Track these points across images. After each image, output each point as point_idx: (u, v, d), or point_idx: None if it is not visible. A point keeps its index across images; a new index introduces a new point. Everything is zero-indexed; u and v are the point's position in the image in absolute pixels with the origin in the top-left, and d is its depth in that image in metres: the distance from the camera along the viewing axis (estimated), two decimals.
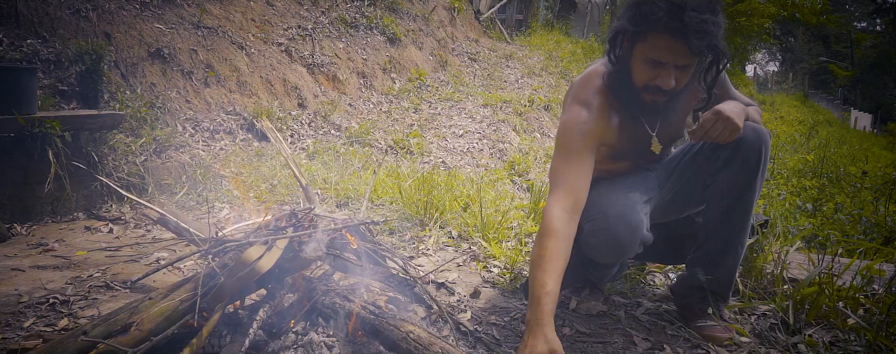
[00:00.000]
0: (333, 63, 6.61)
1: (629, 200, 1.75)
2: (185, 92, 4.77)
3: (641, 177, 1.89)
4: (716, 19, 1.51)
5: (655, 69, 1.61)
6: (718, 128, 1.61)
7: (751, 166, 1.73)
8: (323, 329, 1.61)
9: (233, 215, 3.27)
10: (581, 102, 1.76)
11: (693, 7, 1.49)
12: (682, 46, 1.52)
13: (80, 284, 2.15)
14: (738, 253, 1.86)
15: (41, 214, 3.10)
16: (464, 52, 9.91)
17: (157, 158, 3.78)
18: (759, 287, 2.21)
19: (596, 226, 1.72)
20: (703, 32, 1.48)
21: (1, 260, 2.43)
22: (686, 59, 1.57)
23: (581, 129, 1.73)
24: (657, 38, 1.55)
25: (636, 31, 1.59)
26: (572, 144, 1.72)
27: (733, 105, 1.67)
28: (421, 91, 7.52)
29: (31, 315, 1.88)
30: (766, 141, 1.72)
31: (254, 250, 1.43)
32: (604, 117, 1.76)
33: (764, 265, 2.22)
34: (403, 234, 2.84)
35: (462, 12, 10.99)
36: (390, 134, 5.81)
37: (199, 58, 5.05)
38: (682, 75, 1.62)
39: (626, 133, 1.82)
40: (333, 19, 7.39)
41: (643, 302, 2.18)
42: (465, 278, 2.36)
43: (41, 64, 3.88)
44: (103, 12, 4.55)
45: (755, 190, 1.76)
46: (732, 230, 1.82)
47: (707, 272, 1.90)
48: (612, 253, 1.74)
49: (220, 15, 5.84)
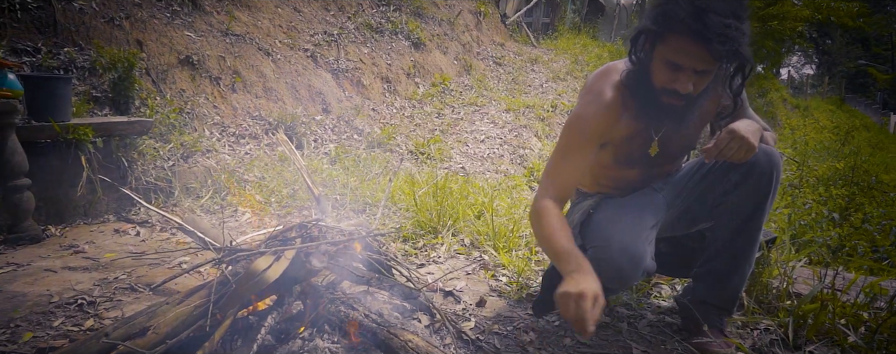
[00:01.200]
0: (358, 68, 6.72)
1: (634, 229, 1.74)
2: (213, 98, 4.92)
3: (649, 200, 1.89)
4: (740, 25, 1.49)
5: (674, 72, 1.59)
6: (733, 147, 1.60)
7: (761, 190, 1.74)
8: (328, 336, 1.69)
9: (254, 220, 3.38)
10: (595, 94, 1.77)
11: (716, 11, 1.46)
12: (702, 50, 1.50)
13: (107, 286, 2.27)
14: (745, 272, 1.88)
15: (74, 216, 3.25)
16: (489, 56, 9.96)
17: (184, 162, 3.92)
18: (764, 302, 2.23)
19: (599, 255, 1.71)
20: (724, 37, 1.46)
21: (35, 261, 2.57)
22: (705, 64, 1.54)
23: (589, 125, 1.75)
24: (678, 40, 1.54)
25: (658, 31, 1.58)
26: (575, 141, 1.76)
27: (748, 124, 1.66)
28: (444, 96, 7.59)
29: (60, 314, 2.00)
30: (777, 166, 1.73)
31: (262, 260, 1.52)
32: (614, 113, 1.76)
33: (769, 280, 2.23)
34: (416, 241, 2.91)
35: (488, 16, 11.04)
36: (412, 139, 5.89)
37: (226, 64, 5.21)
38: (700, 81, 1.60)
39: (635, 135, 1.82)
40: (359, 24, 7.51)
41: (647, 315, 2.22)
42: (473, 286, 2.42)
43: (77, 71, 4.05)
44: (136, 21, 4.72)
45: (764, 213, 1.78)
46: (740, 251, 1.84)
47: (714, 288, 1.93)
48: (614, 283, 1.74)
49: (248, 22, 6.00)
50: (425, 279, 2.36)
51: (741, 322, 2.11)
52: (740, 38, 1.48)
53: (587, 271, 1.48)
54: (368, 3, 8.21)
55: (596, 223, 1.84)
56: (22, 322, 1.91)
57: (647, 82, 1.66)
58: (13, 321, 1.91)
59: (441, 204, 3.05)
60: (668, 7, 1.53)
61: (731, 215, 1.79)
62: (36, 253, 2.68)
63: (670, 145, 1.87)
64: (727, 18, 1.45)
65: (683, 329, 2.07)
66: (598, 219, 1.84)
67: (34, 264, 2.52)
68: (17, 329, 1.86)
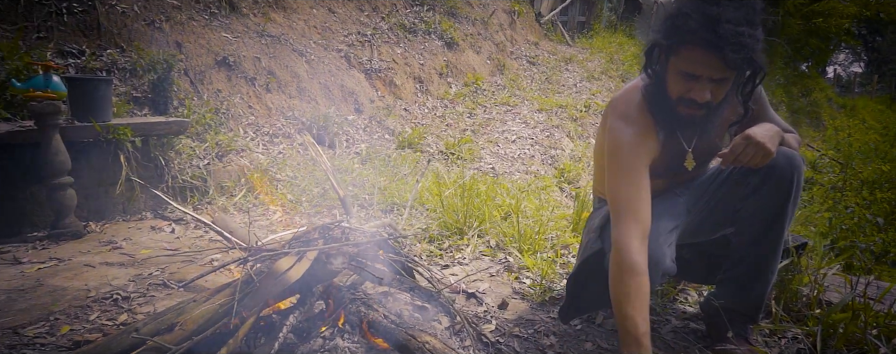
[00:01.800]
0: (391, 68, 6.78)
1: (653, 233, 1.72)
2: (248, 98, 5.03)
3: (669, 204, 1.88)
4: (753, 32, 1.47)
5: (689, 82, 1.58)
6: (749, 152, 1.58)
7: (782, 194, 1.71)
8: (349, 336, 1.72)
9: (285, 219, 3.45)
10: (625, 119, 1.74)
11: (728, 19, 1.45)
12: (716, 59, 1.49)
13: (141, 281, 2.35)
14: (769, 279, 1.84)
15: (113, 213, 3.37)
16: (522, 55, 9.92)
17: (219, 161, 4.02)
18: (793, 310, 2.18)
19: None
20: (738, 45, 1.45)
21: (75, 256, 2.67)
22: (721, 72, 1.53)
23: (633, 147, 1.70)
24: (691, 51, 1.53)
25: (670, 44, 1.58)
26: (629, 163, 1.69)
27: (766, 129, 1.64)
28: (476, 95, 7.59)
29: (96, 308, 2.08)
30: (798, 168, 1.70)
31: (285, 261, 1.56)
32: (649, 133, 1.74)
33: (800, 288, 2.19)
34: (442, 242, 2.93)
35: (522, 15, 10.99)
36: (443, 139, 5.92)
37: (261, 65, 5.31)
38: (718, 89, 1.59)
39: (665, 149, 1.80)
40: (393, 25, 7.57)
41: (672, 320, 2.20)
42: (497, 288, 2.43)
43: (118, 73, 4.19)
44: (175, 23, 4.86)
45: (787, 217, 1.75)
46: (763, 256, 1.81)
47: (737, 295, 1.90)
48: None
49: (283, 23, 6.11)
50: (448, 281, 2.38)
51: (768, 330, 2.07)
52: (754, 45, 1.47)
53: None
54: (402, 3, 8.27)
55: None
56: (60, 315, 2.00)
57: (664, 95, 1.66)
58: (52, 314, 2.00)
59: (467, 205, 3.06)
60: (679, 20, 1.52)
61: (753, 220, 1.76)
62: (77, 249, 2.80)
63: (697, 154, 1.85)
64: (740, 26, 1.44)
65: (707, 336, 2.04)
66: None
67: (75, 259, 2.63)
68: (56, 323, 1.94)
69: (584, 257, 1.90)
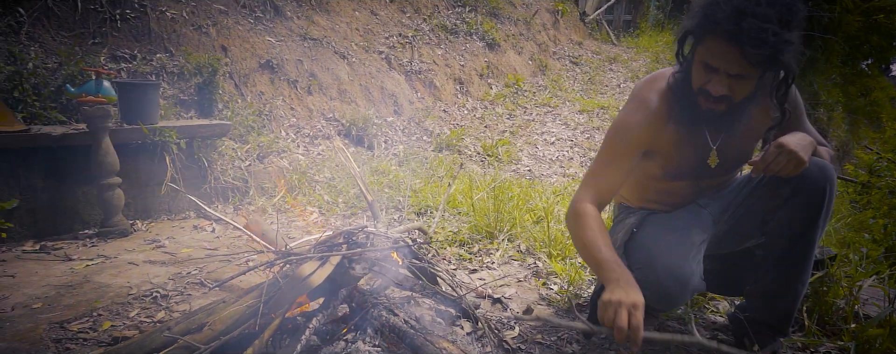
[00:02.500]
0: (431, 70, 6.83)
1: (680, 249, 1.71)
2: (290, 100, 5.16)
3: (694, 216, 1.85)
4: (783, 32, 1.41)
5: (709, 74, 1.56)
6: (781, 161, 1.54)
7: (814, 206, 1.66)
8: (370, 339, 1.76)
9: (321, 220, 3.53)
10: (640, 101, 1.76)
11: (756, 14, 1.41)
12: (736, 52, 1.45)
13: (180, 280, 2.45)
14: (798, 291, 1.80)
15: (159, 212, 3.51)
16: (565, 55, 9.83)
17: (260, 163, 4.14)
18: (828, 323, 2.12)
19: (644, 277, 1.66)
20: (759, 41, 1.40)
21: (121, 254, 2.81)
22: (740, 68, 1.49)
23: (631, 133, 1.74)
24: (713, 41, 1.50)
25: (697, 32, 1.55)
26: (617, 147, 1.76)
27: (799, 138, 1.59)
28: (517, 96, 7.57)
29: (137, 306, 2.19)
30: (831, 180, 1.64)
31: (308, 265, 1.61)
32: (659, 122, 1.73)
33: (835, 300, 2.12)
34: (472, 246, 2.95)
35: (566, 14, 10.88)
36: (480, 141, 5.93)
37: (304, 67, 5.44)
38: (738, 85, 1.55)
39: (685, 144, 1.78)
40: (434, 26, 7.62)
41: (699, 330, 2.16)
42: (523, 294, 2.43)
43: (167, 76, 4.36)
44: (221, 28, 5.02)
45: (817, 229, 1.70)
46: (792, 269, 1.76)
47: (764, 307, 1.87)
48: (661, 304, 1.73)
49: (326, 26, 6.22)
50: (474, 286, 2.40)
51: (801, 344, 2.02)
52: (780, 45, 1.41)
53: (627, 281, 1.49)
54: (444, 4, 8.31)
55: (639, 242, 1.82)
56: (103, 311, 2.11)
57: (688, 85, 1.64)
58: (96, 310, 2.11)
59: (498, 209, 3.07)
60: (709, 9, 1.48)
61: (782, 232, 1.72)
62: (123, 246, 2.93)
63: (724, 157, 1.81)
64: (767, 23, 1.39)
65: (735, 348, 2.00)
66: (642, 238, 1.82)
67: (120, 257, 2.76)
68: (99, 318, 2.05)
69: None
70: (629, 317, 1.38)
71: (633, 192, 2.04)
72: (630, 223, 1.94)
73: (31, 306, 2.13)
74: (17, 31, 3.89)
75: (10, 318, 2.02)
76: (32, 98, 3.41)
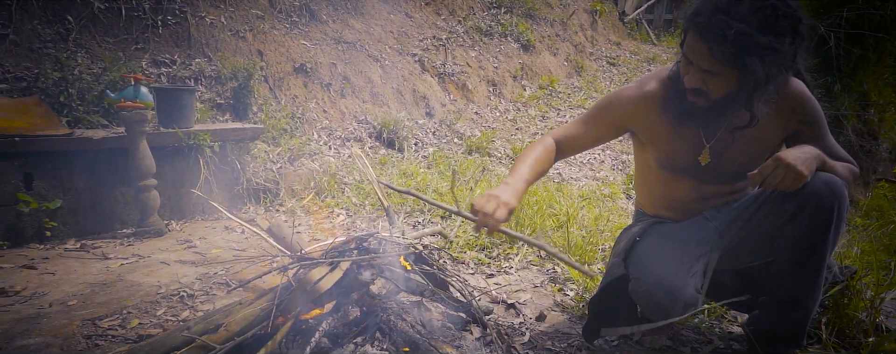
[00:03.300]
0: (464, 72, 6.86)
1: (674, 262, 1.74)
2: (323, 103, 5.27)
3: (698, 228, 1.85)
4: (756, 34, 1.43)
5: (687, 67, 1.63)
6: (778, 175, 1.53)
7: (821, 222, 1.62)
8: (379, 343, 1.81)
9: (347, 222, 3.61)
10: (639, 82, 1.87)
11: (729, 12, 1.45)
12: (704, 47, 1.51)
13: (207, 280, 2.55)
14: (809, 306, 1.77)
15: (193, 213, 3.65)
16: (602, 56, 9.73)
17: (291, 165, 4.25)
18: (848, 336, 2.07)
19: (638, 287, 1.76)
20: (721, 37, 1.45)
21: (155, 253, 2.93)
22: (708, 63, 1.54)
23: (616, 105, 1.85)
24: (691, 35, 1.57)
25: (684, 25, 1.61)
26: (598, 113, 1.89)
27: (803, 151, 1.57)
28: (551, 98, 7.54)
29: (164, 304, 2.29)
30: (840, 197, 1.59)
31: (317, 271, 1.67)
32: (649, 104, 1.81)
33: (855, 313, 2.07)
34: (491, 250, 2.97)
35: (604, 14, 10.77)
36: (511, 143, 5.94)
37: (337, 71, 5.54)
38: (711, 81, 1.59)
39: (676, 136, 1.82)
40: (469, 28, 7.65)
41: (714, 340, 2.14)
42: (538, 299, 2.45)
43: (204, 80, 4.52)
44: (258, 32, 5.16)
45: (826, 245, 1.66)
46: (802, 285, 1.73)
47: (776, 319, 1.84)
48: (654, 316, 1.76)
49: (360, 29, 6.32)
50: (489, 290, 2.43)
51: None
52: (747, 46, 1.44)
53: (512, 185, 1.67)
54: (480, 6, 8.33)
55: (639, 251, 1.84)
56: (133, 309, 2.22)
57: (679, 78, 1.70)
58: (126, 308, 2.22)
59: (519, 214, 3.09)
60: (698, 5, 1.54)
61: (791, 248, 1.69)
62: (157, 246, 3.06)
63: (726, 162, 1.80)
64: (738, 22, 1.43)
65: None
66: (641, 248, 1.84)
67: (154, 256, 2.88)
68: (128, 316, 2.16)
69: (607, 280, 1.90)
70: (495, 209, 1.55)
71: (644, 193, 2.06)
72: (634, 232, 1.95)
73: (67, 303, 2.26)
74: (66, 38, 4.09)
75: (47, 314, 2.14)
76: (77, 103, 3.58)
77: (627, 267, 1.87)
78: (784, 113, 1.73)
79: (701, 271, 1.76)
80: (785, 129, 1.76)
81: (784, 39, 1.48)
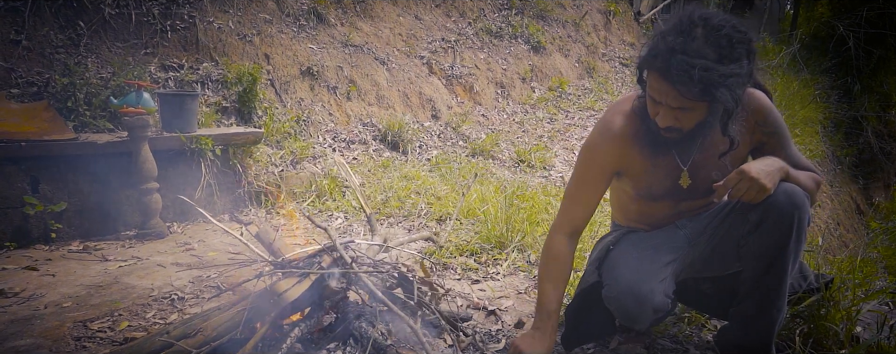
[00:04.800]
0: (472, 74, 6.89)
1: (643, 268, 1.76)
2: (329, 106, 5.34)
3: (669, 236, 1.88)
4: (718, 67, 1.45)
5: (655, 106, 1.63)
6: (742, 187, 1.58)
7: (782, 233, 1.64)
8: (351, 349, 1.86)
9: (345, 225, 3.67)
10: (605, 124, 1.84)
11: (687, 51, 1.45)
12: (669, 88, 1.52)
13: (199, 283, 2.63)
14: (773, 317, 1.78)
15: (195, 215, 3.74)
16: (615, 57, 9.67)
17: (293, 168, 4.33)
18: (824, 346, 2.07)
19: (608, 293, 1.79)
20: (687, 78, 1.45)
21: (153, 256, 3.02)
22: (678, 101, 1.54)
23: (597, 156, 1.84)
24: (652, 76, 1.58)
25: (641, 65, 1.62)
26: (585, 172, 1.87)
27: (766, 163, 1.62)
28: (560, 100, 7.54)
29: (155, 307, 2.37)
30: (801, 208, 1.62)
31: (286, 281, 1.72)
32: (624, 143, 1.80)
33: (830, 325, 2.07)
34: (480, 256, 3.01)
35: (618, 15, 10.69)
36: (516, 146, 5.96)
37: (343, 74, 5.61)
38: (684, 116, 1.60)
39: (653, 166, 1.82)
40: (478, 30, 7.67)
41: (690, 350, 2.15)
42: (520, 306, 2.48)
43: (211, 85, 4.61)
44: (265, 36, 5.25)
45: (788, 255, 1.68)
46: (766, 295, 1.75)
47: (742, 331, 1.86)
48: (625, 322, 1.81)
49: (369, 32, 6.38)
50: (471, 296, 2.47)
51: None
52: (713, 79, 1.44)
53: (544, 331, 1.80)
54: (490, 7, 8.33)
55: (611, 260, 1.87)
56: (124, 311, 2.30)
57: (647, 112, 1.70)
58: (117, 310, 2.30)
59: (509, 219, 3.12)
60: (653, 42, 1.55)
61: (755, 258, 1.71)
62: (157, 248, 3.15)
63: (701, 181, 1.83)
64: (696, 59, 1.43)
65: None
66: (613, 256, 1.87)
67: (152, 258, 2.97)
68: (118, 318, 2.24)
69: (580, 288, 1.93)
70: None
71: (618, 211, 2.09)
72: (607, 241, 1.99)
73: (61, 304, 2.35)
74: (77, 43, 4.21)
75: (41, 315, 2.23)
76: (84, 108, 3.69)
77: (600, 275, 1.90)
78: (748, 126, 1.75)
79: (671, 277, 1.79)
80: (751, 141, 1.79)
81: (743, 63, 1.51)
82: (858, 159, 10.02)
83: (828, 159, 9.45)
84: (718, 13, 1.52)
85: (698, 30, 1.48)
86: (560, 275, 1.87)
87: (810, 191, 1.70)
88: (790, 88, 9.77)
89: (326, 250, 1.89)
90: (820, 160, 9.00)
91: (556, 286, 1.85)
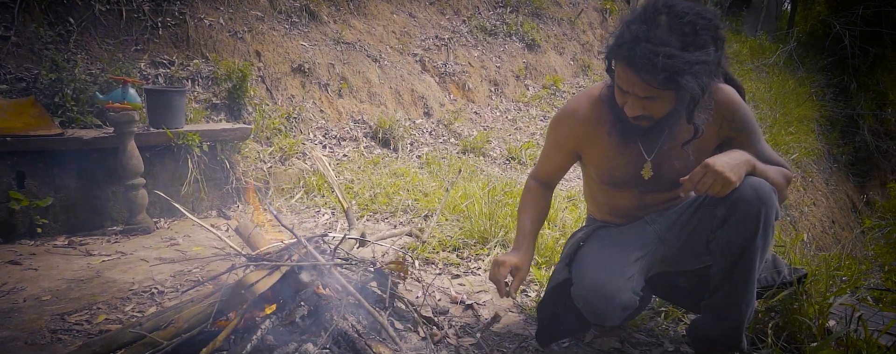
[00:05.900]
0: (465, 71, 6.90)
1: (611, 266, 1.78)
2: (320, 103, 5.35)
3: (637, 232, 1.90)
4: (683, 54, 1.45)
5: (623, 95, 1.64)
6: (707, 181, 1.57)
7: (748, 228, 1.64)
8: (322, 341, 1.87)
9: (331, 221, 3.68)
10: (571, 107, 1.91)
11: (651, 39, 1.45)
12: (634, 77, 1.52)
13: (180, 277, 2.64)
14: (743, 310, 1.79)
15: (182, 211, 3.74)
16: None
17: (281, 165, 4.34)
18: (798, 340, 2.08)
19: (576, 292, 1.81)
20: (651, 66, 1.45)
21: (138, 251, 3.04)
22: (644, 90, 1.55)
23: (559, 133, 1.95)
24: (619, 66, 1.59)
25: (608, 55, 1.63)
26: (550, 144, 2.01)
27: (732, 157, 1.61)
28: (553, 98, 7.54)
29: (134, 301, 2.38)
30: (767, 202, 1.61)
31: (255, 273, 1.73)
32: (585, 127, 1.86)
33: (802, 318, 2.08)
34: (463, 251, 3.02)
35: (615, 13, 10.69)
36: (508, 143, 5.96)
37: (335, 71, 5.62)
38: (652, 105, 1.61)
39: (616, 153, 1.84)
40: (473, 28, 7.67)
41: (664, 343, 2.17)
42: (498, 300, 2.49)
43: (201, 81, 4.62)
44: (256, 33, 5.26)
45: (755, 252, 1.68)
46: (735, 289, 1.76)
47: (713, 323, 1.87)
48: (593, 319, 1.82)
49: (362, 29, 6.39)
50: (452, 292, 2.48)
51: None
52: (678, 67, 1.44)
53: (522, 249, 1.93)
54: (485, 5, 8.34)
55: (580, 257, 1.88)
56: (102, 305, 2.31)
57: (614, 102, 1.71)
58: (96, 304, 2.31)
59: (491, 215, 3.13)
60: (619, 31, 1.56)
61: (724, 252, 1.71)
62: (142, 244, 3.16)
63: (665, 172, 1.83)
64: (662, 47, 1.43)
65: None
66: (582, 254, 1.88)
67: (136, 253, 2.98)
68: (97, 312, 2.25)
69: (551, 285, 1.94)
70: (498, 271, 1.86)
71: (591, 202, 2.11)
72: (578, 237, 2.00)
73: (41, 298, 2.36)
74: (67, 39, 4.21)
75: (20, 309, 2.24)
76: (71, 103, 3.70)
77: (571, 272, 1.91)
78: (716, 121, 1.75)
79: (639, 274, 1.80)
80: (718, 136, 1.79)
81: (709, 50, 1.51)
82: (854, 157, 10.04)
83: (824, 156, 9.45)
84: (683, 1, 1.52)
85: (662, 17, 1.48)
86: (535, 207, 2.03)
87: (779, 186, 1.70)
88: (786, 86, 9.78)
89: (298, 244, 1.90)
90: (816, 158, 9.00)
91: (532, 217, 2.00)
